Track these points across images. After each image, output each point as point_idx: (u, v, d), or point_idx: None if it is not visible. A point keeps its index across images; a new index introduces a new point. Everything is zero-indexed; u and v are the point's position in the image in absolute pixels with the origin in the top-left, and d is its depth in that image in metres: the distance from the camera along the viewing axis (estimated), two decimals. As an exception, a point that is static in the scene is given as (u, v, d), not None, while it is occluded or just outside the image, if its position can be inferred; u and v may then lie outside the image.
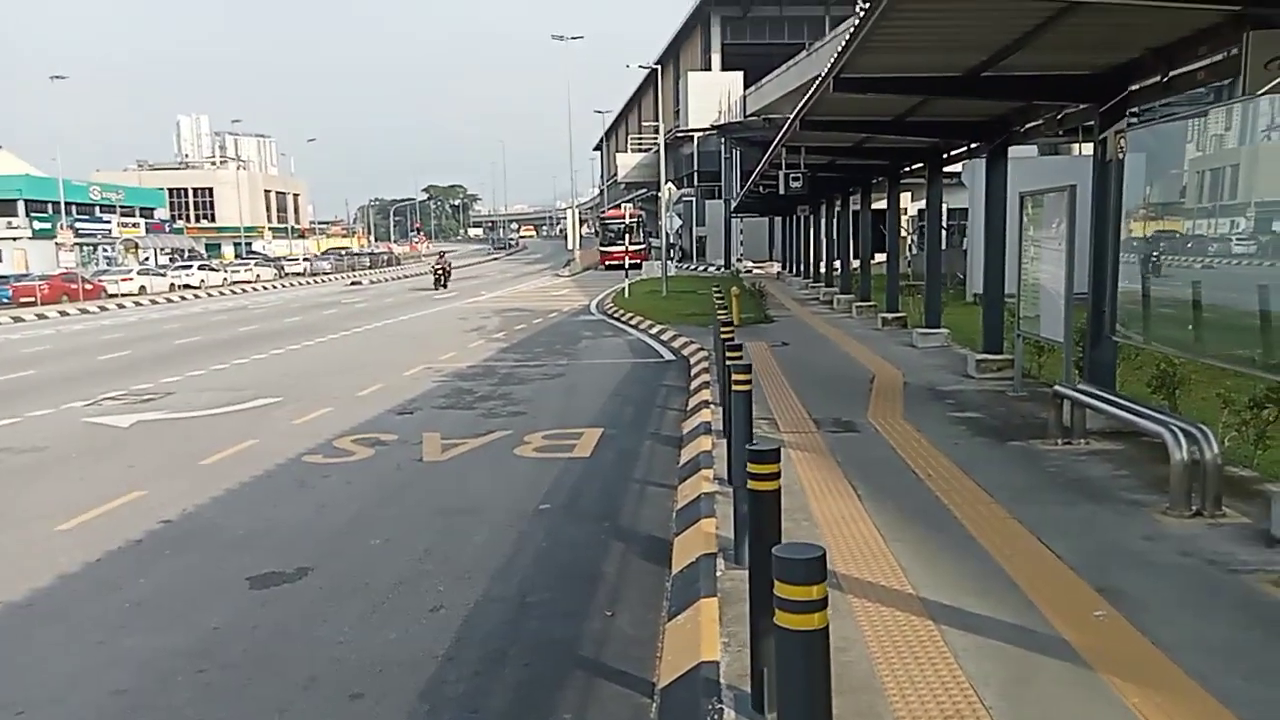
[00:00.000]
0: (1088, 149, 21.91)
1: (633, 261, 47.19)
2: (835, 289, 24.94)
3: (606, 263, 53.77)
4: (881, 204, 24.01)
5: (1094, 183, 8.83)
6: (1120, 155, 8.67)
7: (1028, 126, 11.39)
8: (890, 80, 9.56)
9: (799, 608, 2.48)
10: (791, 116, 13.59)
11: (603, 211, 68.69)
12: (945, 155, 14.84)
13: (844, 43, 8.40)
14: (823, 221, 30.18)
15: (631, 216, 55.91)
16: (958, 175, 24.96)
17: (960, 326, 15.56)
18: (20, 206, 59.33)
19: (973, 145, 13.34)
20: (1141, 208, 8.49)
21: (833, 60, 9.14)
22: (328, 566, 6.13)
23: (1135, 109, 9.07)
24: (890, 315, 17.86)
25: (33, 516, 7.45)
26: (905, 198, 32.96)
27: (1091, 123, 9.43)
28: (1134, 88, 8.64)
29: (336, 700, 4.35)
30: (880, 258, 24.71)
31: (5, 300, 36.07)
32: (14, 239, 58.51)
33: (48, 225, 57.17)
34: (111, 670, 4.72)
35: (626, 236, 52.33)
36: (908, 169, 17.52)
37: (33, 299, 36.03)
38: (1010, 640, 4.29)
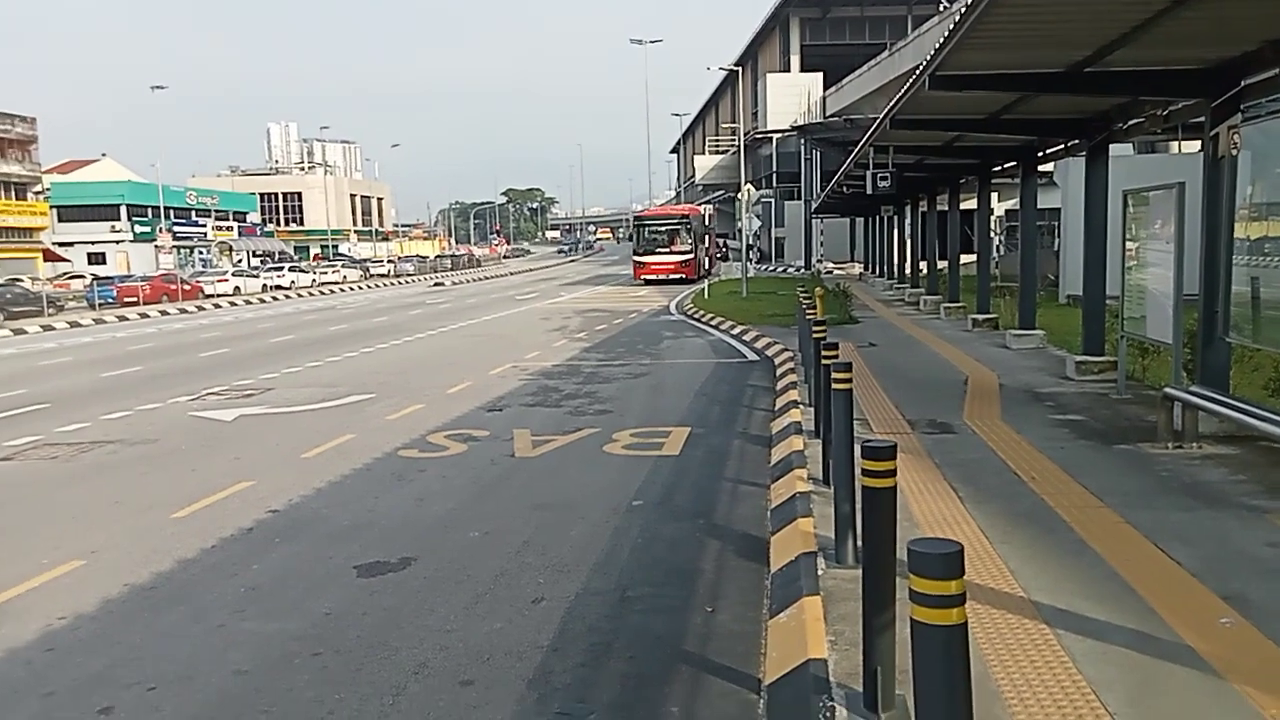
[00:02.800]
0: (1187, 146, 21.19)
1: (680, 275, 39.79)
2: (921, 290, 24.53)
3: (643, 276, 41.48)
4: (970, 204, 23.56)
5: (1204, 181, 8.51)
6: (1234, 152, 8.35)
7: (1130, 123, 11.01)
8: (988, 77, 9.36)
9: (937, 603, 2.45)
10: (882, 115, 13.41)
11: (639, 210, 50.21)
12: (1041, 154, 14.45)
13: (942, 39, 8.26)
14: (908, 222, 29.71)
15: (684, 216, 43.93)
16: (1047, 175, 24.36)
17: (1055, 328, 15.16)
18: (123, 211, 62.15)
19: (1071, 143, 12.98)
20: (1244, 208, 8.19)
21: (929, 57, 8.99)
22: (430, 557, 6.27)
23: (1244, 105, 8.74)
24: (981, 316, 17.48)
25: (150, 504, 7.78)
26: (992, 198, 32.30)
27: (1200, 119, 9.10)
28: (1248, 82, 8.30)
29: (447, 686, 4.44)
30: (967, 258, 24.24)
31: (110, 300, 37.79)
32: (117, 242, 61.37)
33: (148, 229, 59.87)
34: (233, 651, 4.91)
35: (694, 242, 42.01)
36: (1000, 168, 17.13)
37: (135, 299, 37.68)
38: (1131, 646, 4.16)
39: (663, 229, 42.32)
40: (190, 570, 6.18)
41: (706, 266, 44.36)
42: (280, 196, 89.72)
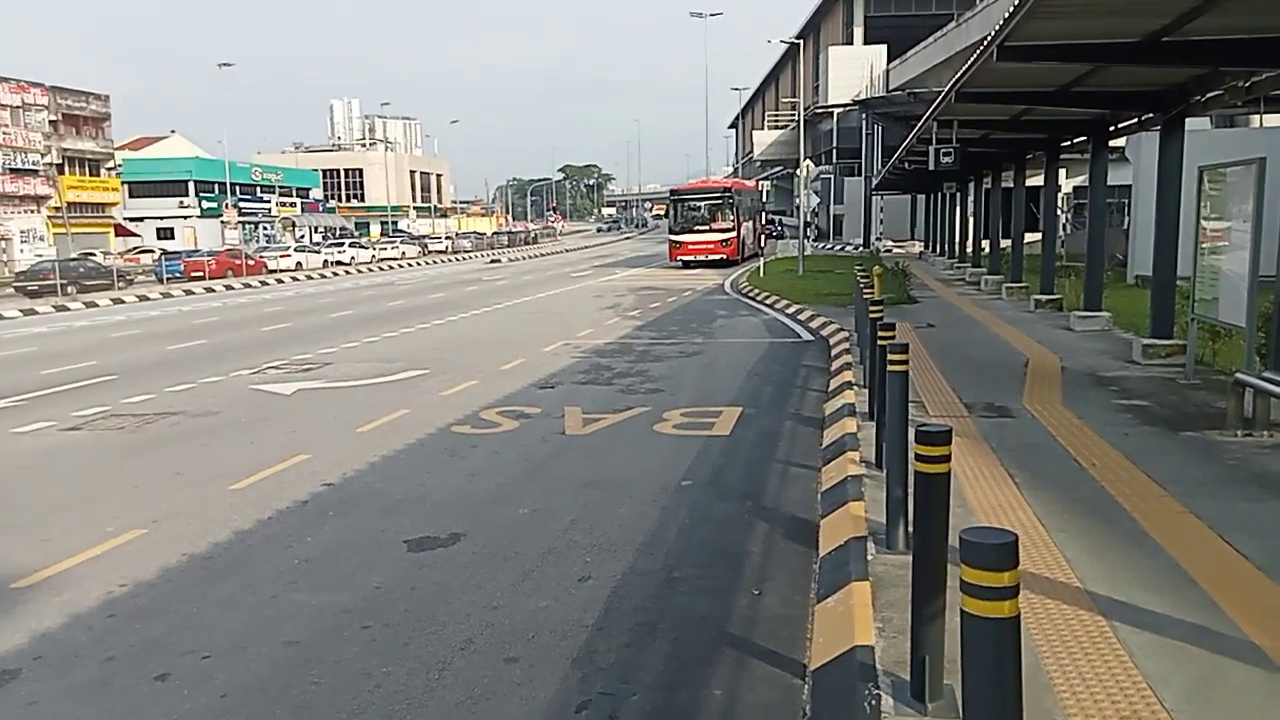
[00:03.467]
0: (1269, 120, 20.32)
1: (720, 256, 36.75)
2: (983, 269, 23.99)
3: (679, 257, 37.79)
4: (1036, 180, 22.93)
5: (1286, 155, 8.14)
6: (1318, 124, 7.97)
7: (1209, 96, 10.57)
8: (1059, 48, 9.06)
9: (989, 594, 2.37)
10: (947, 88, 13.06)
11: (678, 185, 44.34)
12: (1113, 128, 13.96)
13: (1011, 8, 7.99)
14: (970, 199, 29.06)
15: (725, 190, 39.42)
16: (1118, 150, 23.57)
17: (1122, 310, 14.71)
18: (190, 187, 63.64)
19: (1145, 117, 12.51)
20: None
21: (997, 27, 8.72)
22: (479, 533, 6.31)
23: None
24: (1044, 297, 17.03)
25: (210, 476, 7.97)
26: (1059, 174, 31.40)
27: (1283, 90, 8.71)
28: (1336, 50, 7.90)
29: (492, 662, 4.47)
30: (1032, 237, 23.63)
31: (177, 274, 38.78)
32: (185, 217, 62.95)
33: (214, 204, 61.30)
34: (285, 622, 5.01)
35: (737, 219, 37.75)
36: (1068, 143, 16.61)
37: (201, 273, 38.64)
38: (1191, 640, 4.02)
39: (702, 204, 38.21)
40: (246, 541, 6.31)
41: (753, 246, 40.81)
42: (342, 173, 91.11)
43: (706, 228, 37.65)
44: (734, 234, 37.59)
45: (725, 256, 36.95)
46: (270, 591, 5.44)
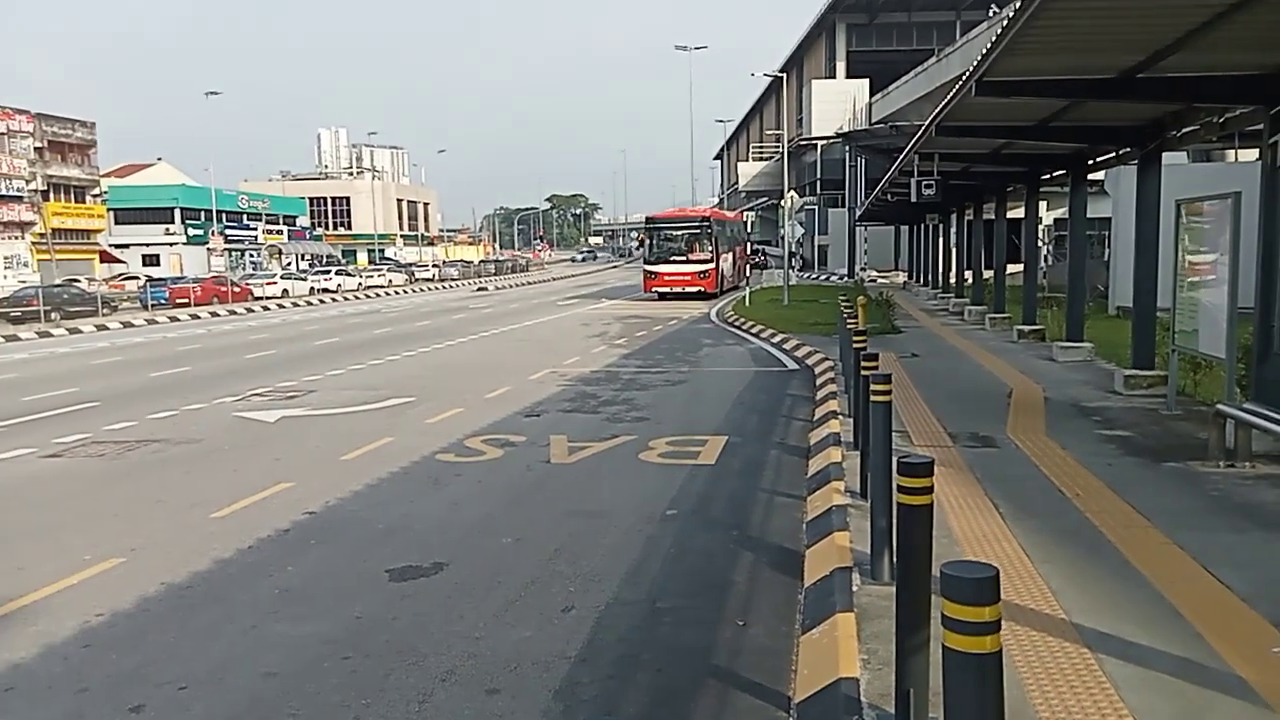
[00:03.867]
0: (1245, 155, 20.64)
1: (698, 289, 35.30)
2: (966, 300, 24.18)
3: (654, 289, 36.32)
4: (1017, 212, 23.18)
5: (1262, 189, 8.27)
6: (1293, 160, 8.10)
7: (1185, 131, 10.74)
8: (1037, 83, 9.20)
9: (969, 629, 2.36)
10: (928, 122, 13.22)
11: (654, 214, 41.20)
12: (1091, 162, 14.17)
13: (989, 44, 8.11)
14: (953, 230, 29.35)
15: (703, 219, 37.55)
16: (1098, 183, 23.91)
17: (1104, 340, 14.83)
18: (177, 214, 63.49)
19: (1123, 151, 12.69)
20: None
21: (976, 63, 8.85)
22: (462, 563, 6.26)
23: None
24: (1027, 328, 17.16)
25: (191, 504, 7.88)
26: (1040, 206, 31.73)
27: (1258, 126, 8.85)
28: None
29: (474, 695, 4.42)
30: (1014, 268, 23.86)
31: (163, 301, 38.51)
32: (170, 244, 62.73)
33: (200, 232, 61.11)
34: (263, 653, 4.94)
35: (715, 250, 36.11)
36: (1048, 176, 16.81)
37: (187, 300, 38.39)
38: (1177, 673, 4.02)
39: (679, 234, 36.53)
40: (227, 570, 6.24)
41: (733, 279, 39.50)
42: (329, 201, 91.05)
43: (684, 258, 36.14)
44: (712, 265, 36.12)
45: (703, 289, 35.53)
46: (250, 621, 5.37)
